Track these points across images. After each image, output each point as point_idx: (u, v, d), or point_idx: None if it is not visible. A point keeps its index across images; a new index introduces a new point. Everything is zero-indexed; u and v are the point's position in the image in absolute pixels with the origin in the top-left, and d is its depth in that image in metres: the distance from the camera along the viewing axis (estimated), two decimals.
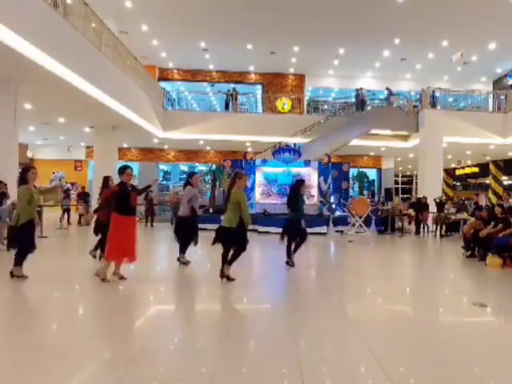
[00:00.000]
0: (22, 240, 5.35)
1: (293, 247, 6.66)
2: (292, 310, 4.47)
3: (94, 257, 6.85)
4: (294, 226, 6.59)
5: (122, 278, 5.42)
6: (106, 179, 7.31)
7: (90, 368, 2.91)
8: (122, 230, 5.29)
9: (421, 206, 13.39)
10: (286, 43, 15.99)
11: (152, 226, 14.51)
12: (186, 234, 6.62)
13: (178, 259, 6.67)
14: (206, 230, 11.21)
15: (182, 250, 6.67)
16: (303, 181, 7.14)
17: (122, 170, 5.50)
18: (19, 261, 5.34)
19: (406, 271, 7.53)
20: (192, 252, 6.89)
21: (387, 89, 16.99)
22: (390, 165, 21.75)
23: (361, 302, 4.99)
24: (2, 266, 6.89)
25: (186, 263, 6.64)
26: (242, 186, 5.58)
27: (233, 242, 5.41)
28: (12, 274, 5.34)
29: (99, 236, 6.69)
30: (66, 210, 13.71)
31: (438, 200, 13.59)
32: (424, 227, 13.35)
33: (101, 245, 6.62)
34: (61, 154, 20.21)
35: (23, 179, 5.41)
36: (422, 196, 13.88)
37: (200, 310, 4.64)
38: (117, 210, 5.34)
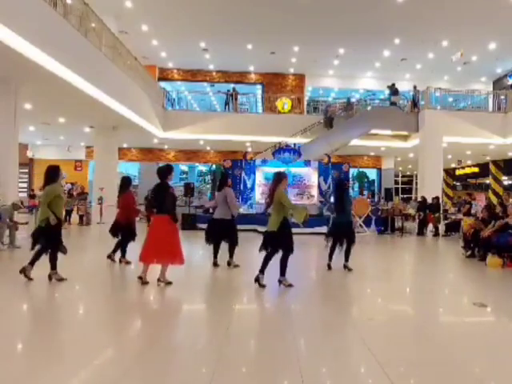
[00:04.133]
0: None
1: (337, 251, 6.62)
2: (292, 310, 4.46)
3: (114, 260, 6.74)
4: (345, 229, 6.56)
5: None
6: (129, 181, 7.10)
7: (91, 366, 2.91)
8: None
9: (426, 206, 13.32)
10: (286, 43, 16.00)
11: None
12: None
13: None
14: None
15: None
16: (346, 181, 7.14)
17: (169, 172, 5.41)
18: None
19: (406, 271, 7.53)
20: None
21: (391, 87, 16.66)
22: (390, 165, 21.75)
23: (361, 301, 5.00)
24: (2, 265, 6.91)
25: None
26: (285, 186, 5.50)
27: (277, 245, 5.25)
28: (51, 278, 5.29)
29: (116, 238, 6.73)
30: (68, 211, 13.70)
31: (434, 201, 13.56)
32: (427, 228, 13.27)
33: (120, 247, 6.69)
34: (61, 154, 20.21)
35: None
36: (432, 196, 13.71)
37: (201, 310, 4.64)
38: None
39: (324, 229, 12.54)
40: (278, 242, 5.23)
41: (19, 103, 9.36)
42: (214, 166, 20.58)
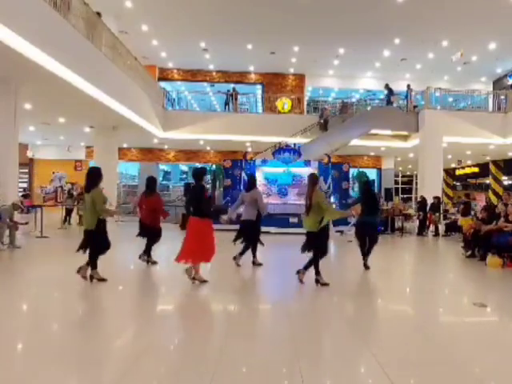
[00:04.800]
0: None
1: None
2: (292, 310, 4.46)
3: (147, 262, 6.70)
4: (375, 230, 6.82)
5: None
6: (156, 182, 7.11)
7: (91, 366, 2.91)
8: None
9: (426, 206, 13.32)
10: (286, 43, 16.00)
11: None
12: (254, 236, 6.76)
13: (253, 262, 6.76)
14: None
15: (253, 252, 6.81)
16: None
17: (204, 174, 5.57)
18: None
19: (406, 271, 7.53)
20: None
21: (386, 87, 16.91)
22: (389, 165, 21.74)
23: (361, 301, 4.99)
24: (2, 265, 6.91)
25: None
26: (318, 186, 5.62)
27: (314, 245, 5.38)
28: (92, 278, 5.27)
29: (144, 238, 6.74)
30: (68, 211, 13.70)
31: (435, 201, 13.56)
32: (429, 228, 13.25)
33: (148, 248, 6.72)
34: (61, 154, 20.22)
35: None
36: (434, 196, 13.70)
37: (201, 310, 4.64)
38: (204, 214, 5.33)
39: None
40: (317, 243, 5.36)
41: (19, 103, 9.35)
42: (213, 166, 20.56)
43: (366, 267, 6.64)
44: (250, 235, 6.71)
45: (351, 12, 13.24)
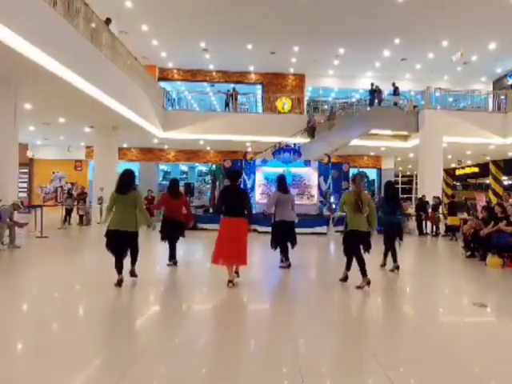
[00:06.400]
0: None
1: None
2: (292, 310, 4.46)
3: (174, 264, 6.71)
4: (399, 230, 6.79)
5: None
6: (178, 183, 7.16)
7: (91, 367, 2.91)
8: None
9: (423, 205, 13.33)
10: (286, 43, 16.00)
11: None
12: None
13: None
14: (206, 230, 11.23)
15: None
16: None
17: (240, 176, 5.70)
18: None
19: (406, 271, 7.51)
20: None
21: (372, 86, 16.98)
22: (389, 165, 21.75)
23: (361, 301, 4.99)
24: (3, 265, 6.90)
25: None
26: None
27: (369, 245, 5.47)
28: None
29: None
30: (68, 211, 13.70)
31: (436, 200, 13.56)
32: (427, 228, 13.25)
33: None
34: (61, 154, 20.23)
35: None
36: (422, 195, 13.79)
37: (202, 310, 4.64)
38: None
39: (324, 229, 12.56)
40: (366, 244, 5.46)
41: (19, 103, 9.35)
42: (213, 166, 20.55)
43: (398, 268, 6.61)
44: (293, 235, 6.75)
45: (351, 12, 13.24)
